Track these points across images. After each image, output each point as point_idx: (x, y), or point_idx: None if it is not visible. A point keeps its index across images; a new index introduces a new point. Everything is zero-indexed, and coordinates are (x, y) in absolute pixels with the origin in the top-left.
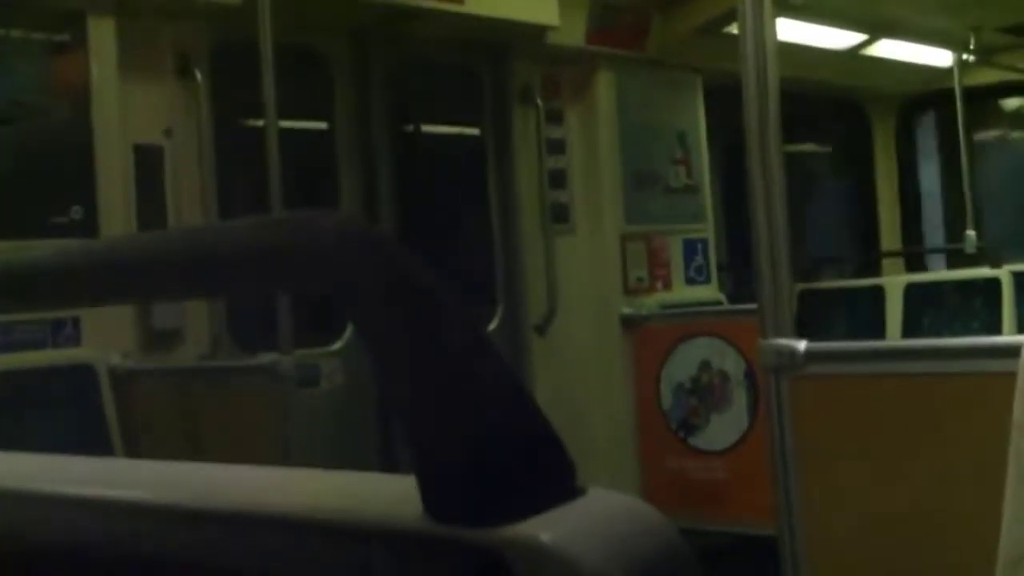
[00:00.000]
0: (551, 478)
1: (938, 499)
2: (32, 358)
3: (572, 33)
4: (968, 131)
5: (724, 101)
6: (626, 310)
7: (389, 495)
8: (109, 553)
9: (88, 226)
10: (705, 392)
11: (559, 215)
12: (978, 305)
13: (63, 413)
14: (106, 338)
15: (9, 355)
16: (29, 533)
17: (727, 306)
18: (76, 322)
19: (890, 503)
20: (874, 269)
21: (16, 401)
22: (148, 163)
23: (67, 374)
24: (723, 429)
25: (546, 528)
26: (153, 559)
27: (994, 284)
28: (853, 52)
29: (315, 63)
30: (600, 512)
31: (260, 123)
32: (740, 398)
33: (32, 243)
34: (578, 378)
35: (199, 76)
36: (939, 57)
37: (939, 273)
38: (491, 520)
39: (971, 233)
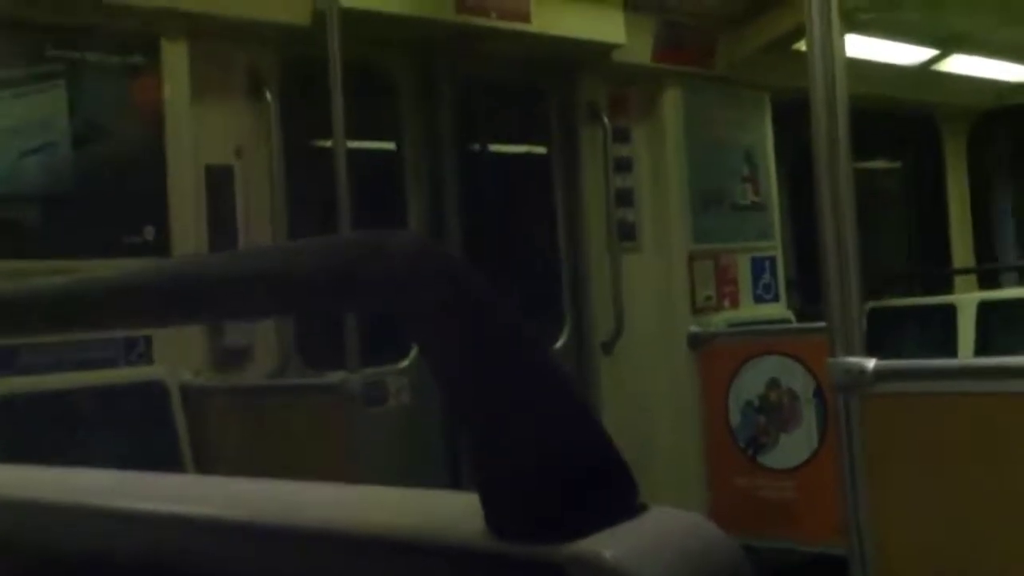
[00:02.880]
0: (613, 495)
1: (1013, 521)
2: (105, 376)
3: (638, 51)
4: None
5: (792, 118)
6: (693, 328)
7: (452, 512)
8: (177, 568)
9: (160, 246)
10: (773, 410)
11: (626, 233)
12: None
13: (135, 430)
14: (177, 356)
15: (83, 372)
16: (100, 548)
17: (795, 324)
18: (148, 340)
19: (963, 524)
20: (946, 287)
21: (89, 418)
22: (219, 183)
23: (139, 391)
24: (792, 447)
25: (608, 545)
26: (222, 574)
27: None
28: (924, 68)
29: (383, 83)
30: (662, 529)
31: (329, 143)
32: (809, 416)
33: (106, 263)
34: (645, 396)
35: (269, 97)
36: (1012, 72)
37: (1014, 291)
38: (553, 537)
39: None
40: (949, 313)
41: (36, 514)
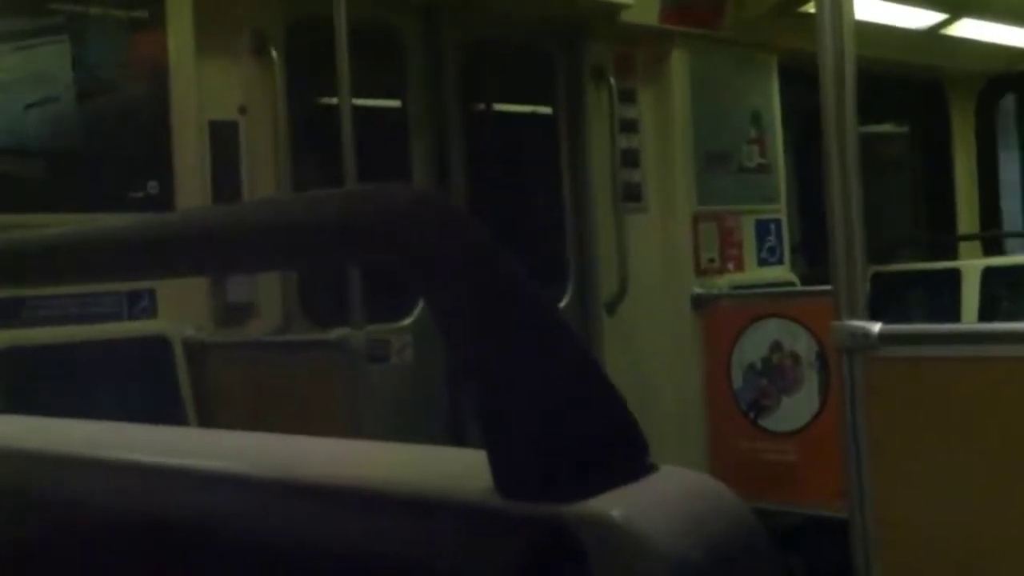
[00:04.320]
0: (623, 454)
1: (1015, 486)
2: (108, 329)
3: (646, 11)
4: None
5: (800, 80)
6: (697, 290)
7: (459, 469)
8: (178, 521)
9: (164, 201)
10: (776, 373)
11: (631, 194)
12: None
13: (138, 384)
14: (181, 310)
15: (86, 326)
16: (102, 500)
17: (799, 287)
18: (152, 294)
19: (965, 488)
20: (950, 252)
21: (92, 371)
22: (223, 139)
23: (142, 345)
24: (794, 411)
25: (617, 504)
26: (224, 528)
27: None
28: (933, 31)
29: (389, 40)
30: (672, 489)
31: (334, 100)
32: (811, 380)
33: (109, 217)
34: (648, 358)
35: (274, 53)
36: (1022, 37)
37: (1018, 257)
38: (561, 496)
39: None
40: (954, 278)
41: (40, 465)
